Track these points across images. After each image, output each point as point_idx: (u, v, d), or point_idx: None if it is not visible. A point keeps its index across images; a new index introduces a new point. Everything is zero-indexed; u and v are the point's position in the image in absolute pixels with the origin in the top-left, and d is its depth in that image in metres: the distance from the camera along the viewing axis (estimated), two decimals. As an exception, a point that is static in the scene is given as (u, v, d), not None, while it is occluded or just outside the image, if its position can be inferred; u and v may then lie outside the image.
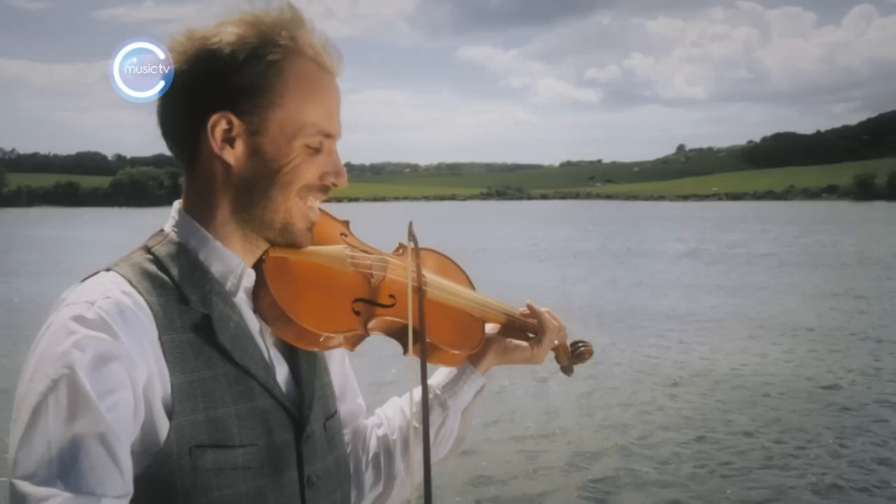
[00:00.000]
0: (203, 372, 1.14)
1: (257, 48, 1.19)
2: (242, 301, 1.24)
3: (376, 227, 1.36)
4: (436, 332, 1.40)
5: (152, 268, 1.18)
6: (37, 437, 1.03)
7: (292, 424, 1.22)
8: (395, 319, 1.33)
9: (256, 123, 1.20)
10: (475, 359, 1.53)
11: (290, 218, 1.25)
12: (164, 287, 1.16)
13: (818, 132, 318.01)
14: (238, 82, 1.19)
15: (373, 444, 1.49)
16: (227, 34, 1.19)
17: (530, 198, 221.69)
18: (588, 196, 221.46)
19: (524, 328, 1.58)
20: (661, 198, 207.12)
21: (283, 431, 1.20)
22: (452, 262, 1.58)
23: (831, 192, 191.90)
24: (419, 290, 1.32)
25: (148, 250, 1.21)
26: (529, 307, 1.59)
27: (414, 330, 1.30)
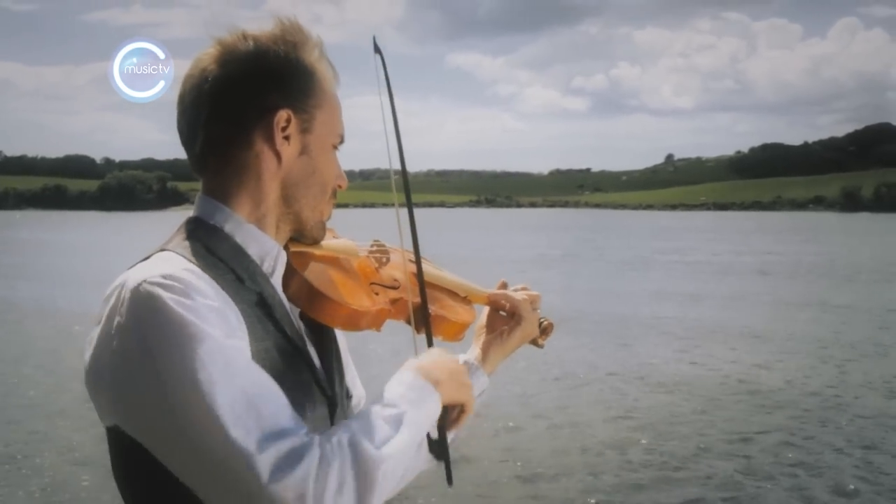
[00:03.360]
0: (267, 342, 1.21)
1: (300, 51, 1.30)
2: (277, 284, 1.31)
3: (366, 233, 1.44)
4: (436, 303, 1.53)
5: (202, 250, 1.23)
6: (204, 402, 1.05)
7: (327, 401, 1.30)
8: (403, 297, 1.44)
9: (307, 122, 1.30)
10: (479, 360, 1.60)
11: (322, 216, 1.36)
12: (218, 267, 1.21)
13: (805, 143, 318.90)
14: (295, 82, 1.28)
15: None
16: (276, 38, 1.29)
17: (519, 206, 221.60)
18: (577, 205, 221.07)
19: (502, 308, 1.66)
20: (649, 207, 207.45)
21: (320, 406, 1.28)
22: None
23: (818, 203, 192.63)
24: (417, 261, 1.41)
25: (190, 235, 1.26)
26: (495, 293, 1.66)
27: (418, 306, 1.42)
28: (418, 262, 1.41)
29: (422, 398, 1.22)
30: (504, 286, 1.68)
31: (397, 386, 1.22)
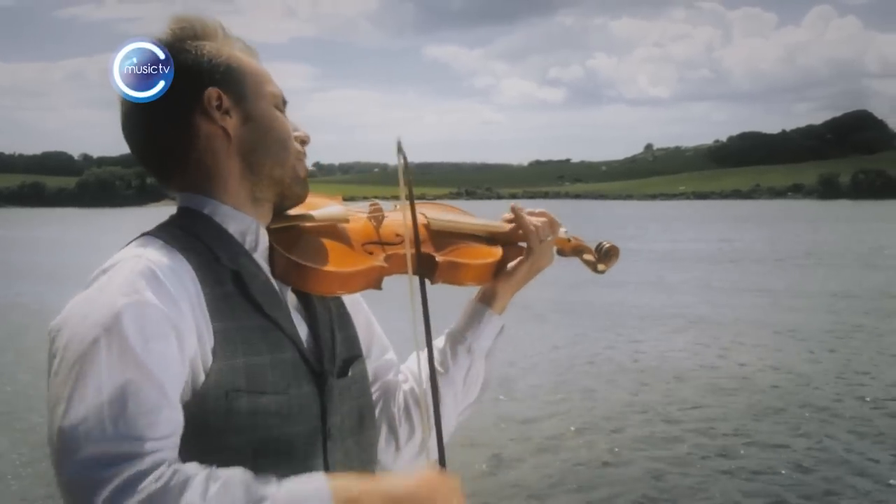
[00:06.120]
0: (241, 321, 1.24)
1: (202, 38, 1.33)
2: (261, 260, 1.34)
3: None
4: (451, 250, 1.54)
5: (181, 233, 1.28)
6: (88, 386, 1.09)
7: (314, 378, 1.31)
8: (401, 252, 1.43)
9: (238, 92, 1.33)
10: (488, 299, 1.61)
11: (295, 171, 1.38)
12: (195, 248, 1.26)
13: (783, 131, 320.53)
14: (207, 63, 1.31)
15: (401, 398, 1.55)
16: (174, 34, 1.32)
17: (499, 197, 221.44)
18: (557, 195, 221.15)
19: (515, 240, 1.63)
20: (629, 197, 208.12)
21: (307, 384, 1.29)
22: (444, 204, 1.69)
23: (797, 190, 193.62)
24: (411, 201, 1.41)
25: (172, 222, 1.32)
26: (513, 209, 1.65)
27: (424, 256, 1.42)
28: (413, 212, 1.42)
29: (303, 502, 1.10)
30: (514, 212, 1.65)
31: (297, 481, 1.12)
